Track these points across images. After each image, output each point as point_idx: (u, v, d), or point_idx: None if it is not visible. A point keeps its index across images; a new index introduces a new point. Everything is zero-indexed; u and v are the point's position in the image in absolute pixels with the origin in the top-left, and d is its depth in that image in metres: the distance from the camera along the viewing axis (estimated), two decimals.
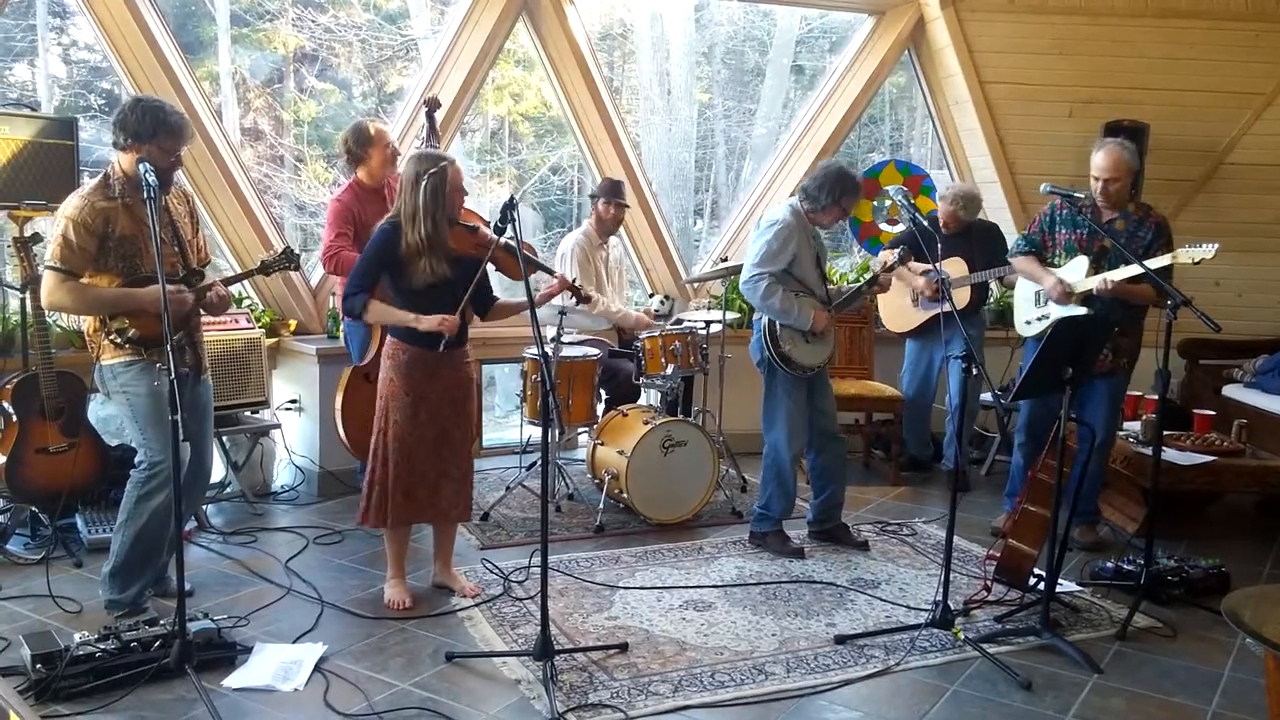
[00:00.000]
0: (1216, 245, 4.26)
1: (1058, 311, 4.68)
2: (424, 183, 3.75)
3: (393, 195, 5.04)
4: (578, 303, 4.41)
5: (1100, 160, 4.62)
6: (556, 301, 4.56)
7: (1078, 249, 4.71)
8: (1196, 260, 4.29)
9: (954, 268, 5.75)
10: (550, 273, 4.36)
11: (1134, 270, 4.39)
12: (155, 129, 3.61)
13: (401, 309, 3.87)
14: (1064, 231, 4.79)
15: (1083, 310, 4.59)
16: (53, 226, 3.66)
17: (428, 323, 3.80)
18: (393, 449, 3.94)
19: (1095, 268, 4.61)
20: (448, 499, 4.05)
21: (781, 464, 4.75)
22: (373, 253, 3.88)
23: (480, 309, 4.05)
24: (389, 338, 4.00)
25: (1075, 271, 4.68)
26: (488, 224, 4.48)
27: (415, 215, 3.77)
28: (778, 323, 4.61)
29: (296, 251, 4.19)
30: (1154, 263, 4.34)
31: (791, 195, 4.74)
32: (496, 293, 4.24)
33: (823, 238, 4.83)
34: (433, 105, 5.16)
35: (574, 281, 4.28)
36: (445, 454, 4.00)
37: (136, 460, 3.83)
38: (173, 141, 3.66)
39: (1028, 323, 4.96)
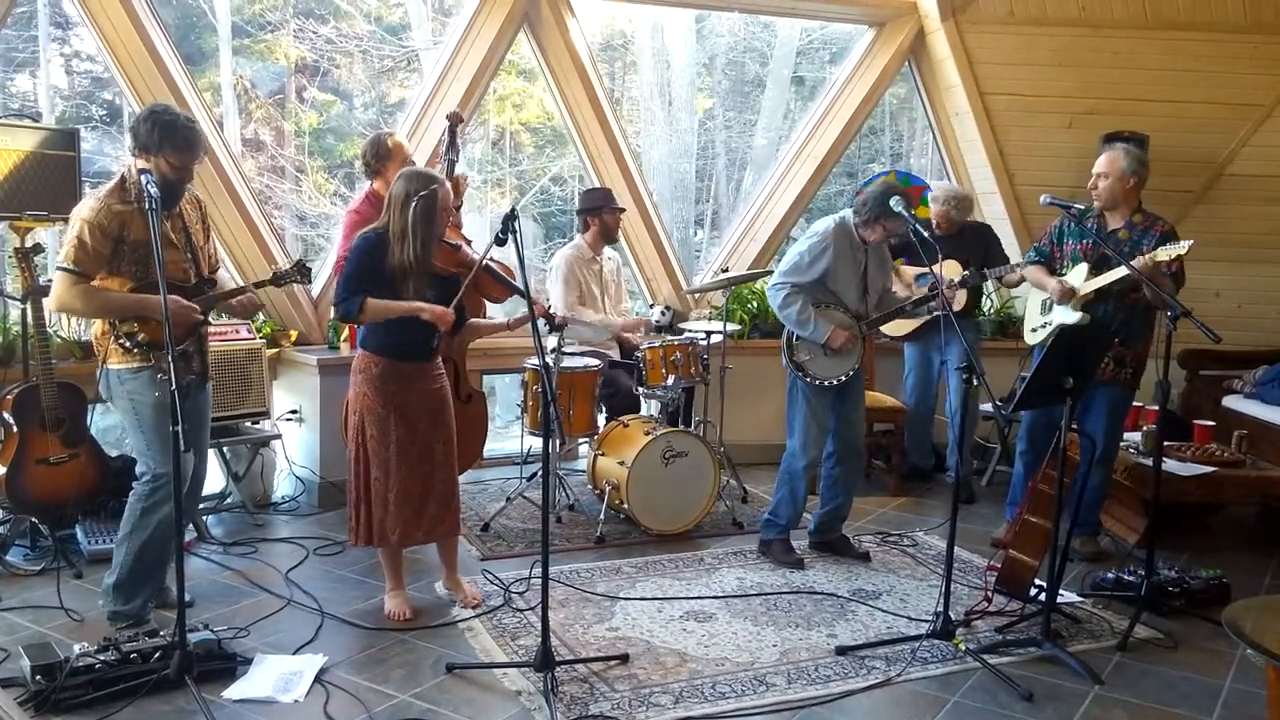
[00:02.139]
0: (1190, 241, 4.35)
1: (1059, 318, 4.72)
2: (414, 204, 3.72)
3: None
4: (550, 330, 4.35)
5: (1096, 162, 4.75)
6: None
7: (1083, 259, 4.74)
8: (1173, 255, 4.36)
9: (950, 270, 5.75)
10: (524, 295, 4.30)
11: (1118, 274, 4.46)
12: (161, 142, 3.61)
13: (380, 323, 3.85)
14: (1070, 243, 4.85)
15: (1078, 315, 4.63)
16: (67, 228, 3.63)
17: (429, 311, 3.77)
18: (373, 464, 3.91)
19: (1095, 275, 4.65)
20: (433, 516, 4.00)
21: (794, 471, 4.75)
22: (357, 261, 3.82)
23: (453, 325, 3.97)
24: (359, 351, 3.96)
25: (1075, 278, 4.73)
26: (470, 242, 4.47)
27: (404, 235, 3.74)
28: (795, 332, 4.64)
29: (308, 265, 4.21)
30: (1136, 264, 4.40)
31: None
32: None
33: (884, 251, 4.78)
34: (455, 120, 5.17)
35: (548, 308, 4.23)
36: (429, 469, 3.97)
37: (139, 472, 3.82)
38: (179, 157, 3.66)
39: (1033, 330, 4.99)
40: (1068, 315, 4.68)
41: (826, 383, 4.65)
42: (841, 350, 4.61)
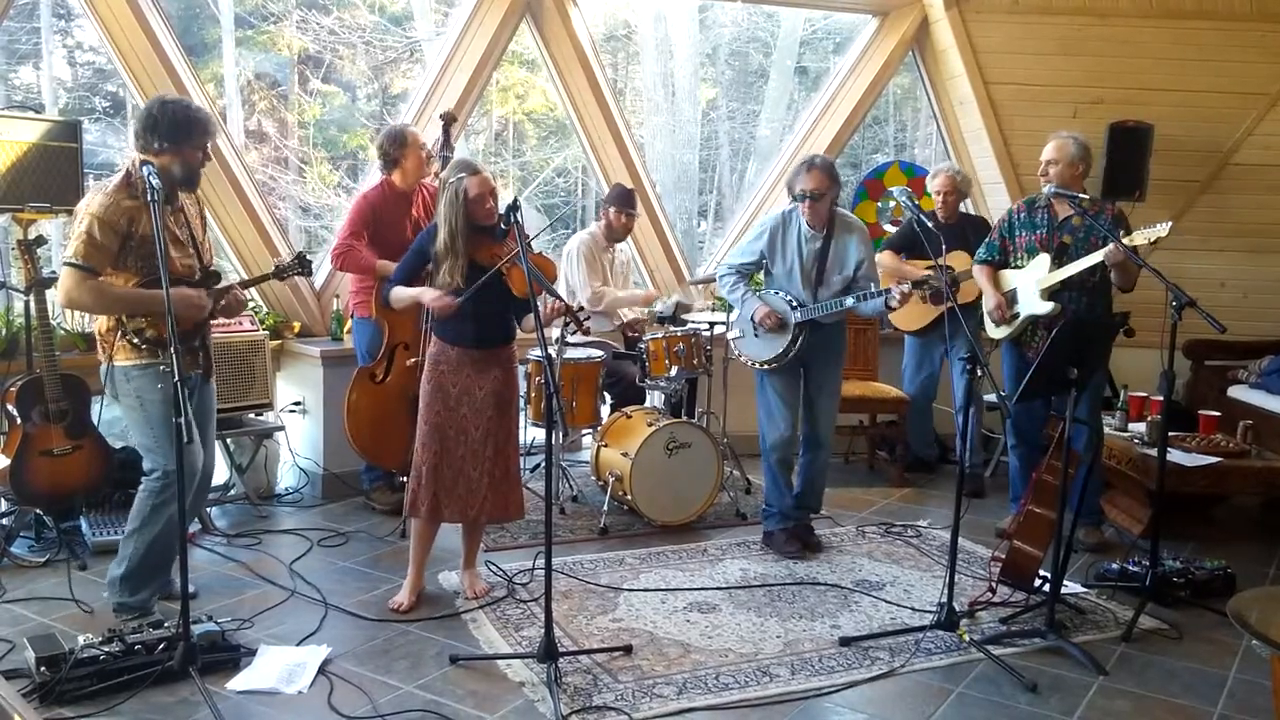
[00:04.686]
0: (1170, 223, 4.34)
1: (1028, 309, 4.76)
2: (445, 192, 3.89)
3: (422, 201, 5.10)
4: (575, 330, 4.32)
5: (1044, 150, 4.83)
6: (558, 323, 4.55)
7: (1039, 249, 4.78)
8: (1153, 240, 4.37)
9: (957, 261, 5.70)
10: (556, 296, 4.29)
11: (1095, 259, 4.49)
12: (190, 129, 3.61)
13: None
14: (1024, 234, 4.88)
15: (1049, 305, 4.65)
16: (75, 222, 3.61)
17: (427, 296, 3.92)
18: (417, 437, 4.06)
19: (1057, 264, 4.69)
20: (461, 499, 4.03)
21: (766, 455, 4.85)
22: (409, 249, 4.09)
23: (519, 315, 4.12)
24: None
25: (1038, 268, 4.75)
26: (528, 239, 4.43)
27: (440, 221, 3.91)
28: (733, 314, 4.88)
29: (309, 257, 4.22)
30: (1110, 250, 4.42)
31: None
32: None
33: (850, 240, 4.69)
34: (449, 120, 5.18)
35: (578, 308, 4.21)
36: (464, 453, 4.01)
37: (148, 468, 3.81)
38: (205, 137, 3.68)
39: (996, 325, 4.96)
40: (1037, 305, 4.71)
41: (752, 364, 4.80)
42: (772, 332, 4.67)
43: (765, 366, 4.76)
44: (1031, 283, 4.75)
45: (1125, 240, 4.41)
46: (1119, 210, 4.77)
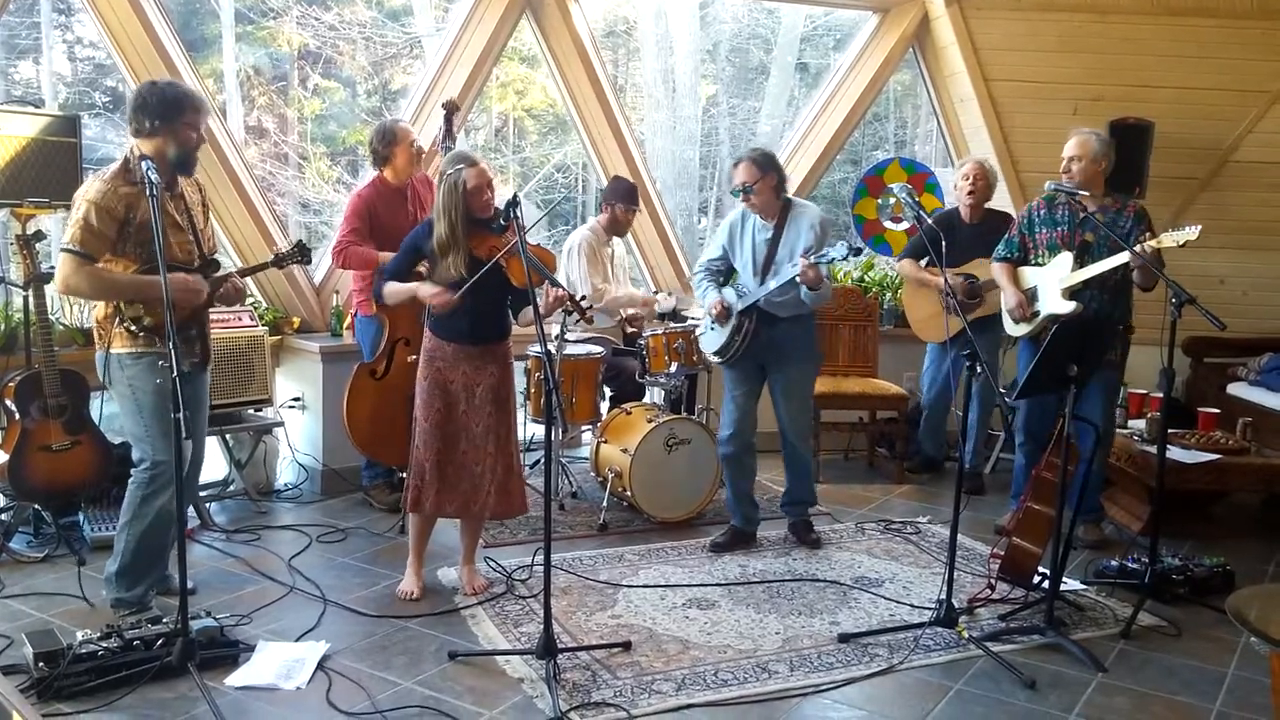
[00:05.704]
0: (1199, 227, 4.28)
1: (1047, 309, 4.72)
2: (442, 183, 3.88)
3: (415, 195, 5.09)
4: (578, 319, 4.32)
5: (1067, 146, 4.78)
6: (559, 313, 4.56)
7: (1060, 246, 4.74)
8: (1181, 243, 4.31)
9: (983, 271, 5.50)
10: (556, 284, 4.29)
11: (1120, 259, 4.44)
12: (180, 105, 3.62)
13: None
14: (1044, 231, 4.83)
15: (1071, 305, 4.60)
16: (72, 209, 3.61)
17: (424, 291, 3.93)
18: (416, 435, 4.07)
19: (1079, 262, 4.64)
20: (465, 494, 4.04)
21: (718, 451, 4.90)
22: (402, 245, 4.10)
23: (516, 309, 4.11)
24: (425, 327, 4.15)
25: (1060, 267, 4.69)
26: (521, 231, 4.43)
27: (439, 214, 3.90)
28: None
29: (308, 246, 4.22)
30: (1129, 255, 4.39)
31: None
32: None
33: (804, 230, 4.53)
34: (451, 108, 5.17)
35: (580, 297, 4.20)
36: (465, 449, 4.03)
37: (136, 459, 3.80)
38: (197, 115, 3.68)
39: (1016, 323, 4.94)
40: (1059, 305, 4.65)
41: (715, 358, 4.85)
42: (723, 326, 4.71)
43: (717, 359, 4.80)
44: (1053, 281, 4.69)
45: (1152, 241, 4.37)
46: (1141, 207, 4.71)
